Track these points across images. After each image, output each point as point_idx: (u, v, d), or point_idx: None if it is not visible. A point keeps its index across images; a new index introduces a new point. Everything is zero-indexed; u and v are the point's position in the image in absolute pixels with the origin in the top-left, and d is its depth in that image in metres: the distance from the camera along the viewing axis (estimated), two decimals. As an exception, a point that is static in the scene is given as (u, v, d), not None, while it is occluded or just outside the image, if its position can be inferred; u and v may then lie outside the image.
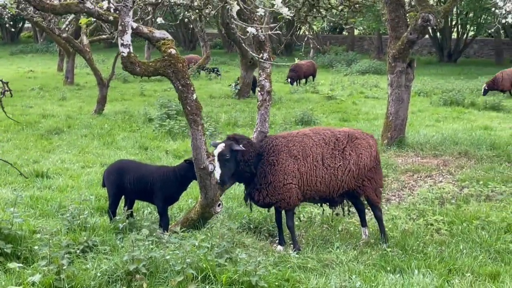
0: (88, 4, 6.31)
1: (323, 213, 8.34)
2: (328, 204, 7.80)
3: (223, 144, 7.02)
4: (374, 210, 7.72)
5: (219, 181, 7.03)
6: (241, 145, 7.04)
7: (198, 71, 28.80)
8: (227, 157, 6.96)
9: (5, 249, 6.17)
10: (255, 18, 7.40)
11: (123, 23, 6.16)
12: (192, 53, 39.63)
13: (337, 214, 8.25)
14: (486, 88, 22.06)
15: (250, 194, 7.37)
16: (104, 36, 21.87)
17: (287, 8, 6.40)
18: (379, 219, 7.72)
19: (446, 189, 10.00)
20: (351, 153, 7.39)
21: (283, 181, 7.15)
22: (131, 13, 6.14)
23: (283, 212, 7.43)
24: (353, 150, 7.41)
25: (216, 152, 7.01)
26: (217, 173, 6.98)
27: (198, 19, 24.90)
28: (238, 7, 6.82)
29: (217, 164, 6.99)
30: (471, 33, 41.92)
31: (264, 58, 7.71)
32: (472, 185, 10.21)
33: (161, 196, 7.51)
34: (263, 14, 7.08)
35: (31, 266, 5.97)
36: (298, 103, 20.84)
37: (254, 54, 8.01)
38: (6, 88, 5.96)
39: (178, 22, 13.55)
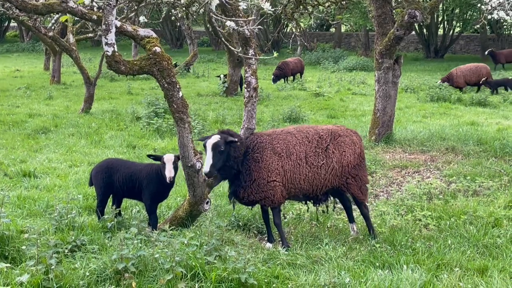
0: (71, 4, 6.26)
1: (308, 209, 8.35)
2: (312, 202, 7.78)
3: (218, 136, 6.95)
4: (360, 207, 7.72)
5: (207, 171, 6.81)
6: (236, 138, 7.01)
7: (186, 69, 28.74)
8: (221, 149, 6.88)
9: (-8, 250, 6.14)
10: (240, 15, 7.37)
11: (106, 22, 6.12)
12: (179, 51, 39.53)
13: (323, 211, 8.25)
14: (441, 82, 22.18)
15: (235, 192, 7.33)
16: (90, 35, 21.73)
17: (269, 3, 6.38)
18: (365, 216, 7.72)
19: (434, 184, 10.04)
20: (334, 151, 7.37)
21: (267, 178, 7.14)
22: (114, 11, 6.10)
23: (269, 209, 7.42)
24: (336, 148, 7.39)
25: (210, 142, 6.89)
26: (208, 163, 6.82)
27: (185, 17, 24.85)
28: (217, 1, 6.79)
29: (209, 154, 6.86)
30: (457, 29, 42.13)
31: (249, 54, 7.70)
32: (459, 180, 10.26)
33: (148, 194, 7.48)
34: (245, 7, 7.05)
35: (19, 266, 5.93)
36: (286, 100, 20.86)
37: (235, 50, 7.97)
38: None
39: (161, 20, 13.50)
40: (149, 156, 7.52)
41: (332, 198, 7.88)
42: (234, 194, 7.37)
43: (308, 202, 7.92)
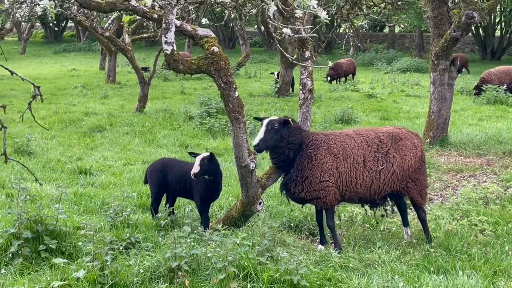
0: (133, 2, 6.36)
1: (366, 212, 8.26)
2: (369, 205, 7.67)
3: (277, 116, 7.19)
4: (418, 211, 7.57)
5: (255, 143, 7.03)
6: (291, 121, 7.16)
7: (237, 69, 28.86)
8: (275, 126, 7.09)
9: (50, 245, 6.28)
10: (297, 16, 7.36)
11: (167, 21, 6.20)
12: (231, 52, 39.69)
13: (381, 216, 8.13)
14: (477, 92, 21.18)
15: (286, 184, 7.31)
16: (145, 35, 22.07)
17: (325, 12, 6.35)
18: (422, 220, 7.57)
19: (491, 189, 9.80)
20: (395, 155, 7.22)
21: (320, 177, 7.08)
22: (175, 11, 6.18)
23: (323, 211, 7.37)
24: (397, 152, 7.25)
25: (267, 119, 7.16)
26: (258, 137, 7.06)
27: (238, 17, 24.95)
28: (275, 8, 6.79)
29: (262, 129, 7.10)
30: (515, 31, 41.10)
31: (306, 56, 7.68)
32: (517, 185, 10.02)
33: (197, 194, 7.53)
34: (301, 15, 7.04)
35: (76, 262, 6.06)
36: (338, 101, 20.73)
37: (288, 56, 7.93)
38: (37, 92, 5.96)
39: (223, 22, 13.62)
40: (190, 153, 7.67)
41: (389, 201, 7.76)
42: (285, 187, 7.34)
43: (365, 205, 7.82)
